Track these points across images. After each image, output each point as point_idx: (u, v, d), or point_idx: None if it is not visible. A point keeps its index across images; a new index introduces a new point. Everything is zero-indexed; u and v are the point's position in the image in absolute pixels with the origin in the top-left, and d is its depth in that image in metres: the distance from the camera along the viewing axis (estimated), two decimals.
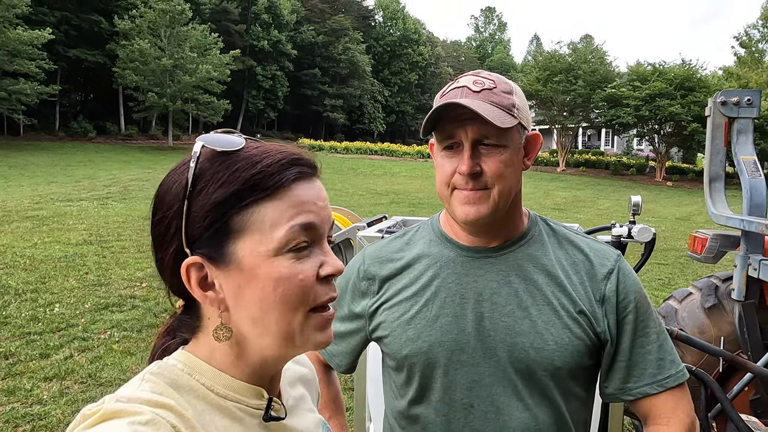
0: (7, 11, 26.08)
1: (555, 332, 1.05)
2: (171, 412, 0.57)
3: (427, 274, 1.13)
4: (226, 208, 0.60)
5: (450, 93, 1.04)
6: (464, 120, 1.00)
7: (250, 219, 0.61)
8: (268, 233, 0.61)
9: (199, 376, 0.64)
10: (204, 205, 0.60)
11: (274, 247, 0.61)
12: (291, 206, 0.62)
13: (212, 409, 0.63)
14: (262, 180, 0.61)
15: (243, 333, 0.64)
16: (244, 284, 0.61)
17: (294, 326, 0.63)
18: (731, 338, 2.78)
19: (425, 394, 1.11)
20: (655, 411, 1.09)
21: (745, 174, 2.76)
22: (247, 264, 0.61)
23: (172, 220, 0.62)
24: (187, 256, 0.61)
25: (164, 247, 0.63)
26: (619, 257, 1.13)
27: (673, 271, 8.95)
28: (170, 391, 0.60)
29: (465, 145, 1.02)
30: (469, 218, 1.04)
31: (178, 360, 0.65)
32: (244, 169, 0.61)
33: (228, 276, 0.62)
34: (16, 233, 9.63)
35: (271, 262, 0.61)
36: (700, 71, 30.86)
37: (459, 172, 1.03)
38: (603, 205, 19.77)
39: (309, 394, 0.83)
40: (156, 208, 0.64)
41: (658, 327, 1.11)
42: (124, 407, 0.55)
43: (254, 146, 0.65)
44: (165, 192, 0.63)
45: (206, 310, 0.65)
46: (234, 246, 0.61)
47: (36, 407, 3.68)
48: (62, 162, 23.56)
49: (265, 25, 43.76)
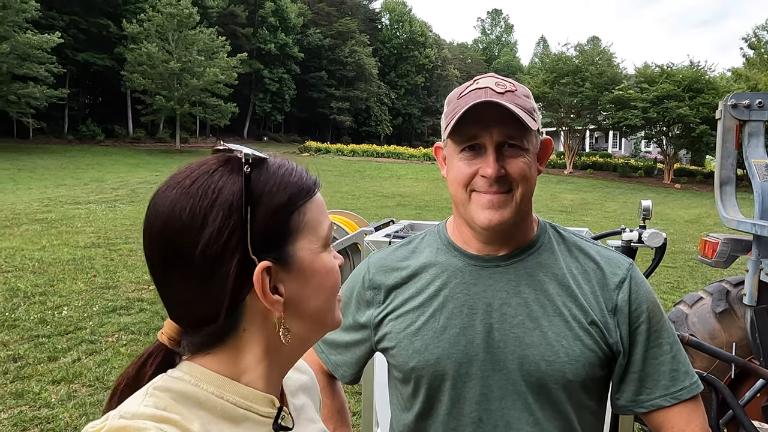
0: (17, 15, 26.33)
1: (566, 344, 1.02)
2: (175, 427, 0.57)
3: (435, 283, 1.10)
4: (286, 211, 0.64)
5: (471, 94, 1.00)
6: (489, 122, 0.98)
7: (302, 220, 0.66)
8: (316, 230, 0.67)
9: (206, 385, 0.63)
10: (267, 212, 0.63)
11: (322, 244, 0.68)
12: (321, 204, 0.70)
13: (219, 419, 0.62)
14: (305, 183, 0.67)
15: (299, 327, 0.69)
16: (305, 281, 0.66)
17: (333, 310, 0.72)
18: (743, 344, 2.75)
19: (433, 407, 1.09)
20: (669, 424, 1.06)
21: (756, 177, 2.72)
22: (307, 261, 0.66)
23: (234, 231, 0.60)
24: (252, 264, 0.61)
25: (225, 262, 0.60)
26: (631, 265, 1.10)
27: (682, 275, 8.88)
28: (174, 405, 0.60)
29: (489, 148, 1.00)
30: (493, 223, 1.01)
31: (183, 372, 0.64)
32: (290, 175, 0.66)
33: (291, 276, 0.65)
34: (25, 236, 9.69)
35: (321, 257, 0.68)
36: (709, 73, 30.69)
37: (483, 176, 1.00)
38: (610, 207, 19.66)
39: (312, 402, 0.83)
40: (198, 226, 0.60)
41: (672, 337, 1.08)
42: (127, 424, 0.55)
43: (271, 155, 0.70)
44: (205, 206, 0.60)
45: (246, 321, 0.64)
46: (294, 246, 0.65)
47: (44, 410, 3.69)
48: (71, 165, 23.72)
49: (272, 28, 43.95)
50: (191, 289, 0.62)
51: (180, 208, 0.61)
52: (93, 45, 33.79)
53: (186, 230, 0.60)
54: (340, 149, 37.16)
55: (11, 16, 26.07)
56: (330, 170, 26.80)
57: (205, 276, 0.61)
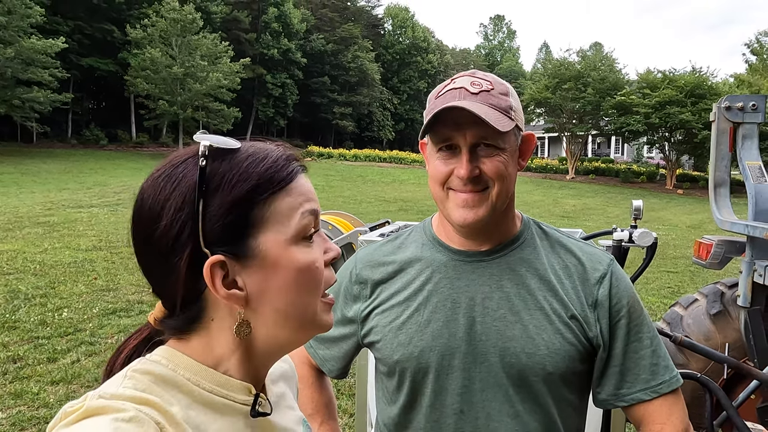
0: (22, 20, 26.50)
1: (546, 337, 1.03)
2: (155, 408, 0.57)
3: (420, 278, 1.12)
4: (247, 203, 0.62)
5: (447, 94, 1.01)
6: (462, 123, 0.98)
7: (269, 211, 0.63)
8: (286, 222, 0.64)
9: (183, 371, 0.63)
10: (223, 203, 0.61)
11: (292, 235, 0.64)
12: (300, 195, 0.66)
13: (197, 404, 0.62)
14: (276, 173, 0.64)
15: (257, 328, 0.66)
16: (269, 276, 0.63)
17: (310, 311, 0.67)
18: (737, 345, 2.75)
19: (416, 400, 1.10)
20: (649, 417, 1.07)
21: (750, 179, 2.74)
22: (271, 255, 0.63)
23: (186, 223, 0.61)
24: (205, 257, 0.61)
25: (177, 254, 0.61)
26: (611, 261, 1.12)
27: (682, 279, 8.87)
28: (154, 388, 0.60)
29: (463, 150, 1.00)
30: (467, 221, 1.02)
31: (161, 356, 0.65)
32: (256, 165, 0.63)
33: (251, 271, 0.63)
34: (27, 239, 9.73)
35: (290, 251, 0.64)
36: (711, 79, 30.69)
37: (457, 176, 1.01)
38: (613, 212, 19.63)
39: (290, 391, 0.83)
40: (155, 217, 0.62)
41: (652, 332, 1.09)
42: (107, 404, 0.55)
43: (249, 145, 0.66)
44: (163, 198, 0.62)
45: (211, 310, 0.65)
46: (255, 240, 0.63)
47: (42, 410, 3.71)
48: (74, 169, 23.79)
49: (275, 33, 44.08)
50: (157, 276, 0.65)
51: (145, 198, 0.64)
52: (97, 50, 33.95)
53: (147, 220, 0.63)
54: (343, 154, 37.20)
55: (16, 21, 26.24)
56: (332, 175, 26.80)
57: (163, 265, 0.63)
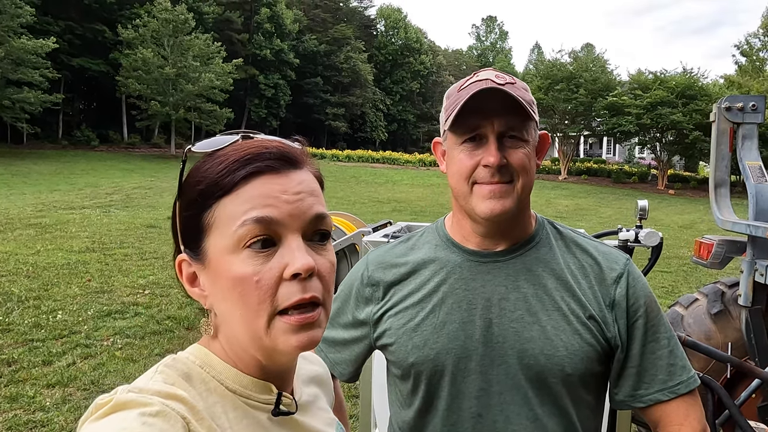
0: (12, 20, 26.25)
1: (565, 338, 1.03)
2: (181, 403, 0.57)
3: (434, 279, 1.10)
4: (198, 206, 0.63)
5: (471, 86, 1.01)
6: (490, 112, 0.99)
7: (215, 216, 0.62)
8: (226, 229, 0.61)
9: (209, 369, 0.65)
10: (183, 205, 0.65)
11: (231, 243, 0.61)
12: (245, 201, 0.61)
13: (224, 401, 0.64)
14: (223, 177, 0.62)
15: (222, 330, 0.66)
16: (214, 281, 0.63)
17: (257, 328, 0.61)
18: (738, 344, 2.76)
19: (432, 403, 1.08)
20: (667, 418, 1.07)
21: (750, 179, 2.75)
22: (213, 260, 0.62)
23: (175, 222, 0.67)
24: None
25: (176, 250, 0.68)
26: (628, 261, 1.11)
27: (676, 279, 8.92)
28: (182, 383, 0.61)
29: (490, 138, 1.00)
30: (495, 212, 1.01)
31: (190, 353, 0.67)
32: (212, 168, 0.63)
33: (205, 273, 0.64)
34: (19, 241, 9.63)
35: (229, 260, 0.60)
36: (702, 80, 30.95)
37: (485, 165, 1.00)
38: (605, 213, 19.73)
39: (324, 395, 0.83)
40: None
41: (669, 332, 1.09)
42: (134, 398, 0.55)
43: (240, 145, 0.65)
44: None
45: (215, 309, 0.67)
46: (206, 243, 0.63)
47: (38, 414, 3.67)
48: (65, 170, 23.59)
49: (267, 34, 43.94)
50: None
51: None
52: (88, 50, 33.66)
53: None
54: (336, 155, 37.16)
55: (6, 21, 25.98)
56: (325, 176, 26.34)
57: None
